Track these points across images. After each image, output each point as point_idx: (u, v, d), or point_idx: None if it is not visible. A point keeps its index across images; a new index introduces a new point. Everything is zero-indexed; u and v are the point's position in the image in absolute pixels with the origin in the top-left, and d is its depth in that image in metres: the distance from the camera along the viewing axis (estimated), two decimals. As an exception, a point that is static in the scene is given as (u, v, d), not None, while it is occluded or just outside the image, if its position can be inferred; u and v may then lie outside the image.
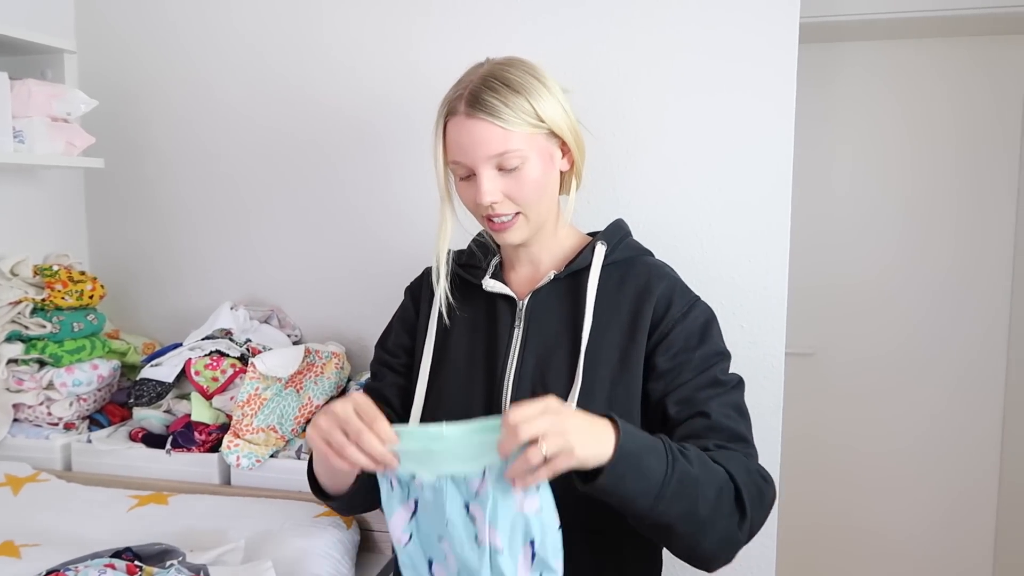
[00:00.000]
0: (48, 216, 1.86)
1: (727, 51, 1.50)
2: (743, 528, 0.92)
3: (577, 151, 1.08)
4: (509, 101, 0.98)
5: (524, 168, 1.00)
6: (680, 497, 0.85)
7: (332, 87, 1.74)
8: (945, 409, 2.46)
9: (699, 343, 1.04)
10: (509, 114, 0.98)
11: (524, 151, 1.00)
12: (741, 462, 0.95)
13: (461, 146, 1.00)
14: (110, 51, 1.88)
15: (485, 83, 1.00)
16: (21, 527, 1.34)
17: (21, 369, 1.60)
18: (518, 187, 1.01)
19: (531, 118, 1.00)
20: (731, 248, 1.53)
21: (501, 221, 1.03)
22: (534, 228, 1.06)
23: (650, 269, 1.10)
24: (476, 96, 0.99)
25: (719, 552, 0.93)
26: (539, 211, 1.05)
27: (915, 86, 2.37)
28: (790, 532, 2.25)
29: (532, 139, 1.01)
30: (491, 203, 1.01)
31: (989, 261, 2.40)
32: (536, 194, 1.02)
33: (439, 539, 0.87)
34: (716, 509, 0.89)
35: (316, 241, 1.80)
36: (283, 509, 1.40)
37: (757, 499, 0.94)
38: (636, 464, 0.82)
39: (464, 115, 0.99)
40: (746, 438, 1.01)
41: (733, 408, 1.02)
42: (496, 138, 0.98)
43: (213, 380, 1.58)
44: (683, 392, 1.01)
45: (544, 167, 1.03)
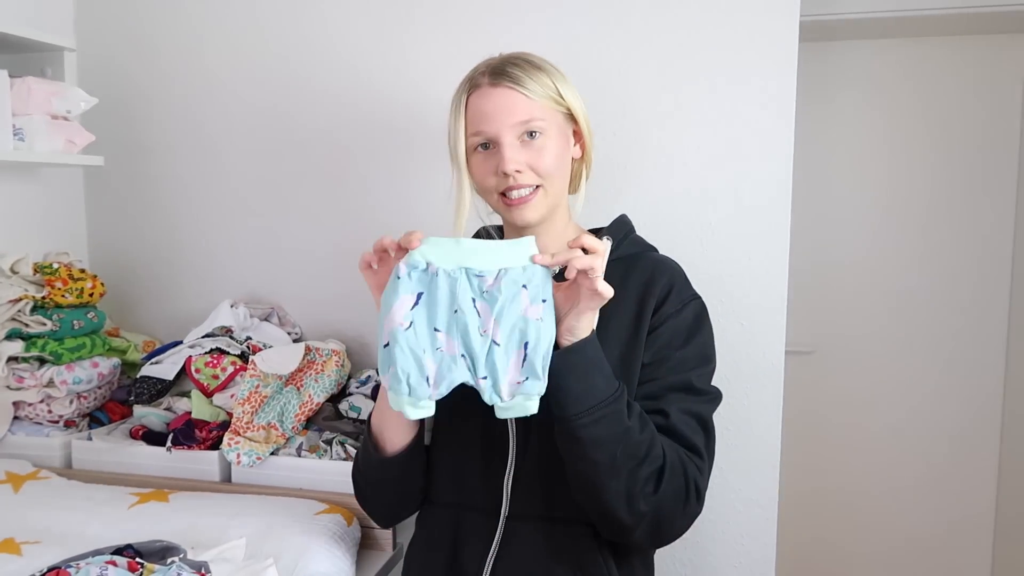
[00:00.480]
0: (48, 214, 1.86)
1: (727, 50, 1.50)
2: (649, 502, 0.94)
3: (589, 141, 1.11)
4: (532, 75, 1.03)
5: (545, 139, 1.03)
6: (606, 426, 0.91)
7: (333, 84, 1.73)
8: (945, 407, 2.47)
9: (683, 343, 1.04)
10: (534, 84, 1.02)
11: (546, 122, 1.03)
12: (680, 458, 0.97)
13: (485, 115, 1.03)
14: (110, 49, 1.88)
15: (509, 59, 1.05)
16: (22, 524, 1.34)
17: (21, 367, 1.60)
18: (539, 157, 1.02)
19: (553, 93, 1.04)
20: (731, 246, 1.54)
21: (520, 195, 1.03)
22: (550, 207, 1.07)
23: (654, 265, 1.10)
24: (501, 69, 1.03)
25: (614, 505, 0.94)
26: (556, 188, 1.07)
27: (915, 84, 2.37)
28: (790, 533, 2.25)
29: (552, 114, 1.04)
30: (514, 171, 1.01)
31: (988, 259, 2.40)
32: (556, 167, 1.04)
33: (435, 330, 0.91)
34: (632, 465, 0.93)
35: (316, 239, 1.80)
36: (284, 506, 1.40)
37: (680, 493, 0.96)
38: (585, 369, 0.92)
39: (489, 85, 1.03)
40: (699, 451, 1.01)
41: (696, 418, 1.02)
42: (521, 105, 1.02)
43: (213, 378, 1.58)
44: (651, 388, 1.02)
45: (562, 145, 1.06)
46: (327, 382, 1.59)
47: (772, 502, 1.57)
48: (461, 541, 1.08)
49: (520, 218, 1.06)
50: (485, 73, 1.04)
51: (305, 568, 1.25)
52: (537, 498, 1.04)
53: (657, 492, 0.94)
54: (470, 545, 1.07)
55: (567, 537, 1.04)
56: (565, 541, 1.04)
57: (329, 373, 1.60)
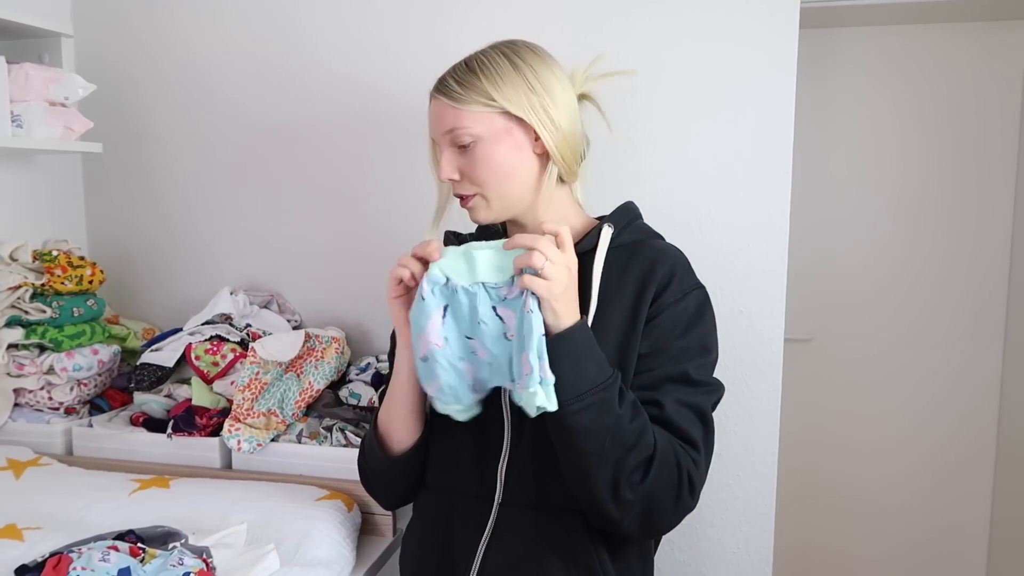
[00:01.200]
0: (47, 201, 1.86)
1: (727, 37, 1.50)
2: (636, 490, 0.93)
3: (553, 135, 1.03)
4: (463, 80, 1.02)
5: (476, 147, 1.02)
6: (594, 414, 0.92)
7: (331, 72, 1.73)
8: (942, 393, 2.48)
9: (682, 334, 1.02)
10: (459, 93, 1.02)
11: (473, 129, 1.01)
12: (673, 449, 0.96)
13: (429, 126, 1.07)
14: (107, 35, 1.87)
15: (453, 67, 1.06)
16: (23, 511, 1.34)
17: (21, 354, 1.60)
18: (471, 166, 1.03)
19: (481, 96, 1.01)
20: (730, 234, 1.54)
21: (464, 197, 1.07)
22: (503, 208, 1.06)
23: (656, 253, 1.07)
24: (441, 79, 1.05)
25: (600, 491, 0.94)
26: (501, 192, 1.04)
27: (915, 72, 2.37)
28: (787, 519, 2.27)
29: (485, 118, 1.01)
30: (447, 179, 1.05)
31: (986, 246, 2.40)
32: (492, 175, 1.03)
33: (467, 339, 0.97)
34: (620, 453, 0.92)
35: (316, 226, 1.79)
36: (285, 492, 1.41)
37: (671, 484, 0.95)
38: (575, 357, 0.92)
39: (431, 95, 1.06)
40: (695, 443, 0.99)
41: (693, 409, 1.00)
42: (447, 115, 1.03)
43: (213, 365, 1.59)
44: (647, 378, 1.01)
45: (503, 148, 1.02)
46: (327, 369, 1.59)
47: (770, 488, 1.57)
48: (454, 527, 1.08)
49: (472, 218, 1.09)
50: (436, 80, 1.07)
51: (306, 553, 1.25)
52: (530, 485, 1.04)
53: (644, 481, 0.93)
54: (463, 531, 1.07)
55: (560, 526, 1.03)
56: (557, 530, 1.03)
57: (329, 360, 1.60)
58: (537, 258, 0.89)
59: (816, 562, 2.62)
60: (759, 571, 1.59)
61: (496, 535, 1.05)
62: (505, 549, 1.04)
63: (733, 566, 1.60)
